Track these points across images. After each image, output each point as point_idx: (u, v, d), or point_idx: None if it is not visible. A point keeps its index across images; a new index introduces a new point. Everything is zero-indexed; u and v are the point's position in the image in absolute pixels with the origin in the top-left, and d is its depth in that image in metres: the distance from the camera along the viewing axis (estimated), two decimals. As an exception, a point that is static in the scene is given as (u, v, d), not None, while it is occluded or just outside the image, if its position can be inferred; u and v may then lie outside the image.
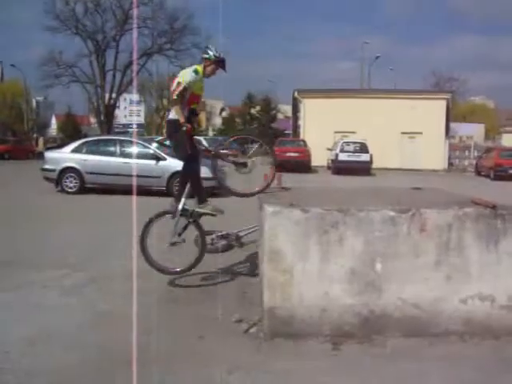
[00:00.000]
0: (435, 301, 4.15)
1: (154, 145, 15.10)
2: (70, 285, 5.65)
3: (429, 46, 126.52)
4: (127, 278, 5.57)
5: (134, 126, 49.47)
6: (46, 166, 14.40)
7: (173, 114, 5.46)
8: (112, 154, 14.08)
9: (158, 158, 13.76)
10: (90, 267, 6.35)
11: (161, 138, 29.98)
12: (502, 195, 12.36)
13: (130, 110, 53.49)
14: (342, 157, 23.68)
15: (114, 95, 46.48)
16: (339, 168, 23.14)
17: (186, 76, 5.36)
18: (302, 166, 23.79)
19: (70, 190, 13.91)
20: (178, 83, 5.30)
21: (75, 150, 14.35)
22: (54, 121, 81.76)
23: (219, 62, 5.54)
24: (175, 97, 5.29)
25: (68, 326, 4.40)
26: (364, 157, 23.78)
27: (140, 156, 13.78)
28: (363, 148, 24.37)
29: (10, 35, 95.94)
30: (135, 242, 5.64)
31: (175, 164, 13.82)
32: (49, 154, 15.16)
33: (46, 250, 7.19)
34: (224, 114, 74.20)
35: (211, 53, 5.47)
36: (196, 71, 5.40)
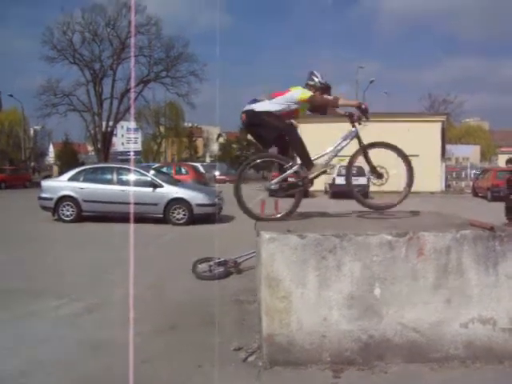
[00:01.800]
0: (435, 325, 4.11)
1: (152, 172, 15.15)
2: (67, 314, 5.58)
3: (423, 69, 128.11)
4: (124, 307, 5.52)
5: (132, 153, 49.65)
6: (43, 195, 14.38)
7: (258, 107, 5.10)
8: (109, 182, 14.05)
9: (155, 186, 13.76)
10: (87, 296, 6.29)
11: (158, 164, 30.13)
12: (499, 216, 12.35)
13: (128, 138, 53.74)
14: (339, 181, 23.64)
15: (111, 123, 46.78)
16: (336, 192, 23.16)
17: (307, 92, 5.13)
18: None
19: (66, 219, 13.86)
20: (312, 96, 5.11)
21: (72, 179, 14.34)
22: (51, 149, 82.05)
23: (325, 89, 5.32)
24: (332, 96, 5.17)
25: (63, 357, 4.34)
26: (361, 180, 23.76)
27: (137, 183, 13.79)
28: (360, 171, 24.38)
29: (8, 65, 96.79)
30: (132, 270, 5.59)
31: (172, 191, 13.88)
32: (46, 183, 15.15)
33: (42, 280, 7.14)
34: (221, 139, 74.54)
35: (316, 79, 5.28)
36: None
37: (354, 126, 5.31)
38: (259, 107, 5.12)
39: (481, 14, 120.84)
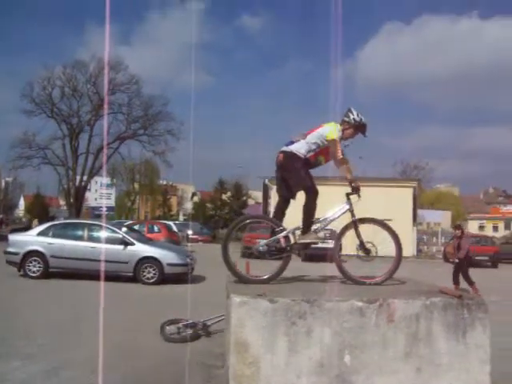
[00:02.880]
0: (406, 395, 4.03)
1: (123, 229, 14.96)
2: (27, 376, 5.32)
3: (396, 136, 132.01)
4: (87, 369, 5.33)
5: (104, 209, 49.22)
6: (10, 249, 13.95)
7: (296, 148, 5.13)
8: (79, 238, 13.78)
9: (126, 243, 13.56)
10: (49, 357, 6.05)
11: (130, 222, 29.83)
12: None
13: (101, 193, 53.44)
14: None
15: (85, 178, 46.54)
16: (309, 255, 23.10)
17: (335, 132, 5.14)
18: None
19: (33, 275, 13.44)
20: (334, 140, 5.10)
21: (41, 233, 14.04)
22: (22, 201, 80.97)
23: (359, 127, 5.30)
24: (341, 156, 5.13)
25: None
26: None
27: (108, 241, 13.55)
28: (333, 235, 24.50)
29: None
30: (101, 331, 5.40)
31: (143, 249, 13.70)
32: (13, 237, 14.70)
33: (3, 340, 6.83)
34: (195, 198, 74.68)
35: (352, 116, 5.25)
36: (339, 130, 5.21)
37: (348, 199, 5.32)
38: (296, 148, 5.15)
39: (450, 86, 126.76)
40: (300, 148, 5.15)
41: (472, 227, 70.28)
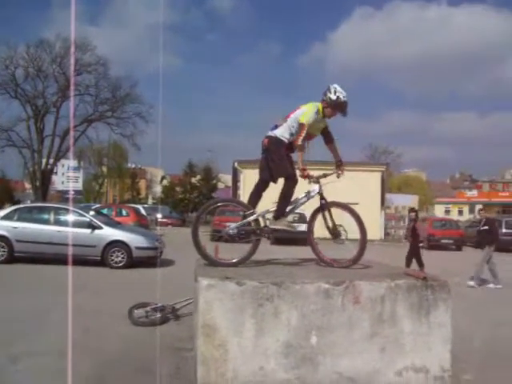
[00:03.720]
0: (371, 374, 4.12)
1: (91, 213, 14.77)
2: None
3: (365, 120, 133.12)
4: (53, 355, 5.27)
5: (72, 193, 48.40)
6: (-28, 235, 13.64)
7: (280, 132, 5.12)
8: (45, 222, 13.57)
9: (93, 227, 13.40)
10: (17, 343, 5.94)
11: (98, 205, 29.45)
12: (434, 265, 12.74)
13: (68, 176, 52.48)
14: (281, 226, 23.75)
15: (51, 161, 45.53)
16: (278, 238, 23.27)
17: (309, 115, 5.02)
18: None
19: (-4, 259, 13.19)
20: (302, 125, 5.00)
21: (6, 218, 13.78)
22: (-15, 185, 78.89)
23: (337, 106, 5.11)
24: (300, 142, 4.98)
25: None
26: (303, 227, 23.92)
27: (75, 224, 13.37)
28: (302, 218, 24.70)
29: None
30: (70, 316, 5.35)
31: (111, 233, 13.56)
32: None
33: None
34: (165, 182, 74.03)
35: (328, 95, 5.07)
36: (317, 111, 5.10)
37: (318, 182, 5.28)
38: (280, 132, 5.13)
39: (419, 72, 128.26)
40: (284, 132, 5.14)
41: (438, 211, 71.78)
